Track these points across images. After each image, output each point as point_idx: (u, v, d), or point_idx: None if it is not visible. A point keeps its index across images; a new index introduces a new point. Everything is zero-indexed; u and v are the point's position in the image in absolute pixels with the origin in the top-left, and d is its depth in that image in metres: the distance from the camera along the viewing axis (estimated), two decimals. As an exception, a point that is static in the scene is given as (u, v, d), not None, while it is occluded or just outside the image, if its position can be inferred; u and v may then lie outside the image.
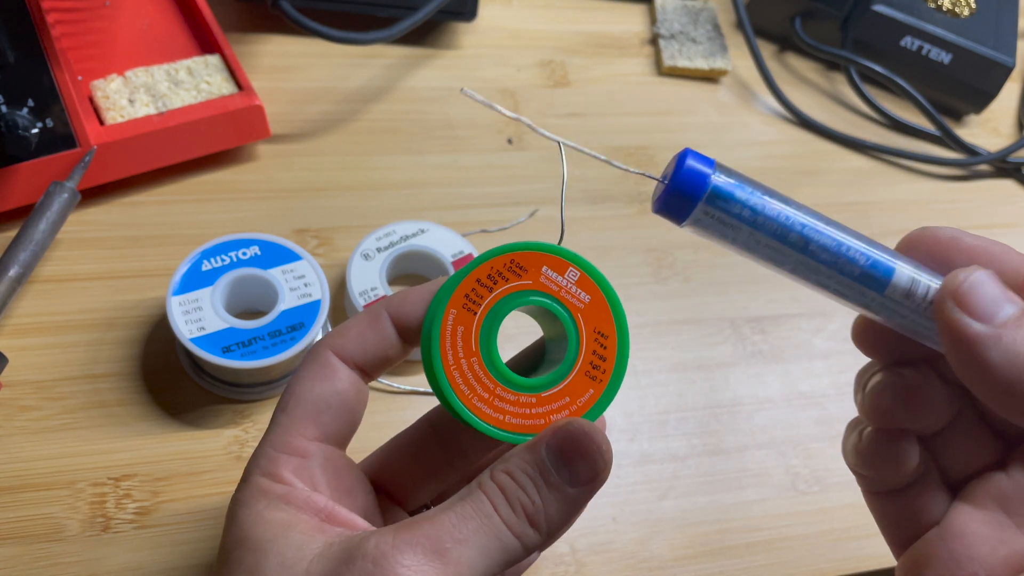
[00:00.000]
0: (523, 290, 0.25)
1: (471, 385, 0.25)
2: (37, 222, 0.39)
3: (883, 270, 0.22)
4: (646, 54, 0.60)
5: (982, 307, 0.20)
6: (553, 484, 0.23)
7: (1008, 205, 0.58)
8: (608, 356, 0.25)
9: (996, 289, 0.21)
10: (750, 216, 0.22)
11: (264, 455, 0.25)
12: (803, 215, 0.22)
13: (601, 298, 0.26)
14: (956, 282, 0.21)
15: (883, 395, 0.25)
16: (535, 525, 0.22)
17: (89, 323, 0.40)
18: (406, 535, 0.21)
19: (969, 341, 0.20)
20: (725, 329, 0.46)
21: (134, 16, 0.48)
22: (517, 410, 0.25)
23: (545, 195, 0.50)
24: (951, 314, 0.21)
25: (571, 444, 0.23)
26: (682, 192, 0.22)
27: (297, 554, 0.22)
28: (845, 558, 0.40)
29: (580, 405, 0.25)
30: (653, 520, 0.39)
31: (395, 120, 0.52)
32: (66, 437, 0.37)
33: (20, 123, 0.39)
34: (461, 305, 0.25)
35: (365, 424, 0.27)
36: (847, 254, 0.22)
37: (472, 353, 0.25)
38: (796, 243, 0.22)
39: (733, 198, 0.22)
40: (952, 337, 0.21)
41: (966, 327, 0.20)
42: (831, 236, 0.22)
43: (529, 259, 0.25)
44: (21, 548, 0.34)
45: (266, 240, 0.39)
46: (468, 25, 0.58)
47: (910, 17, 0.59)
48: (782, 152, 0.57)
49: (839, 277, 0.23)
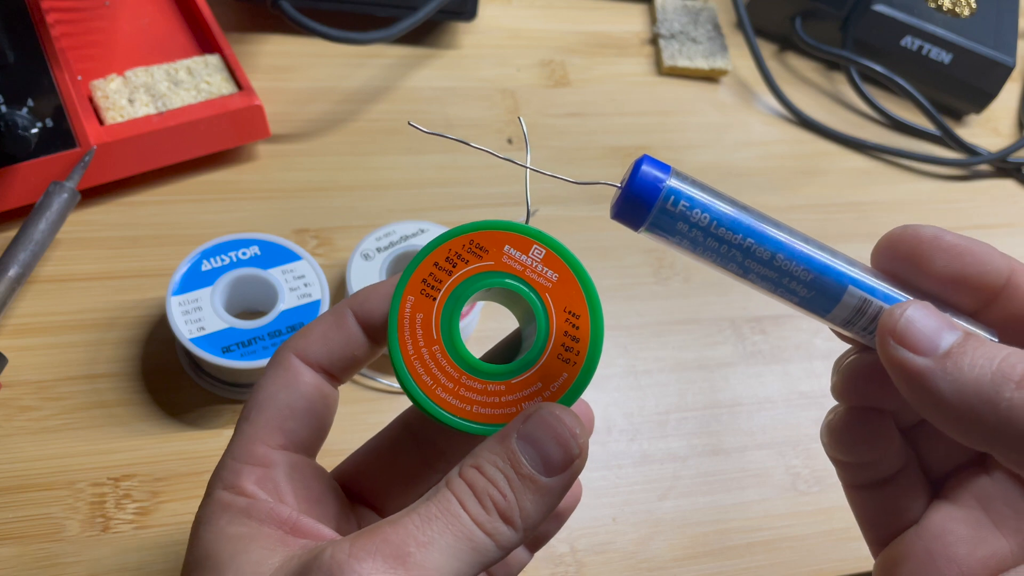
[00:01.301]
0: (485, 271, 0.24)
1: (434, 375, 0.23)
2: (37, 222, 0.39)
3: (830, 294, 0.22)
4: (646, 54, 0.60)
5: (923, 341, 0.20)
6: (525, 475, 0.21)
7: (1008, 205, 0.58)
8: (581, 337, 0.24)
9: (934, 320, 0.20)
10: (705, 225, 0.22)
11: (225, 467, 0.24)
12: (760, 227, 0.22)
13: (570, 276, 0.24)
14: (893, 319, 0.20)
15: (855, 373, 0.24)
16: (509, 521, 0.21)
17: (89, 323, 0.40)
18: (364, 542, 0.20)
19: (916, 376, 0.20)
20: (725, 329, 0.46)
21: (134, 16, 0.48)
22: (485, 399, 0.23)
23: (545, 195, 0.50)
24: (893, 352, 0.20)
25: (542, 430, 0.21)
26: (636, 198, 0.22)
27: (255, 570, 0.21)
28: (845, 558, 0.40)
29: (554, 391, 0.23)
30: (653, 520, 0.39)
31: (395, 120, 0.52)
32: (66, 437, 0.37)
33: (20, 123, 0.39)
34: (419, 291, 0.23)
35: (364, 425, 0.27)
36: (790, 275, 0.22)
37: (433, 341, 0.23)
38: (735, 270, 0.22)
39: (689, 206, 0.22)
40: (898, 374, 0.20)
41: (911, 363, 0.20)
42: (778, 257, 0.22)
43: (490, 238, 0.24)
44: (21, 548, 0.34)
45: (266, 240, 0.39)
46: (468, 25, 0.58)
47: (910, 17, 0.59)
48: (782, 152, 0.57)
49: (784, 296, 0.22)
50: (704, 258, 0.22)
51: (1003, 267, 0.22)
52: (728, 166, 0.55)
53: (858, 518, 0.26)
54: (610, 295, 0.46)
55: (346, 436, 0.30)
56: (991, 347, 0.20)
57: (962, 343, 0.20)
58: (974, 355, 0.20)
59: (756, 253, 0.22)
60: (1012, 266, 0.23)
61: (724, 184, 0.53)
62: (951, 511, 0.23)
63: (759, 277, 0.22)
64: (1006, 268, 0.23)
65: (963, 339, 0.20)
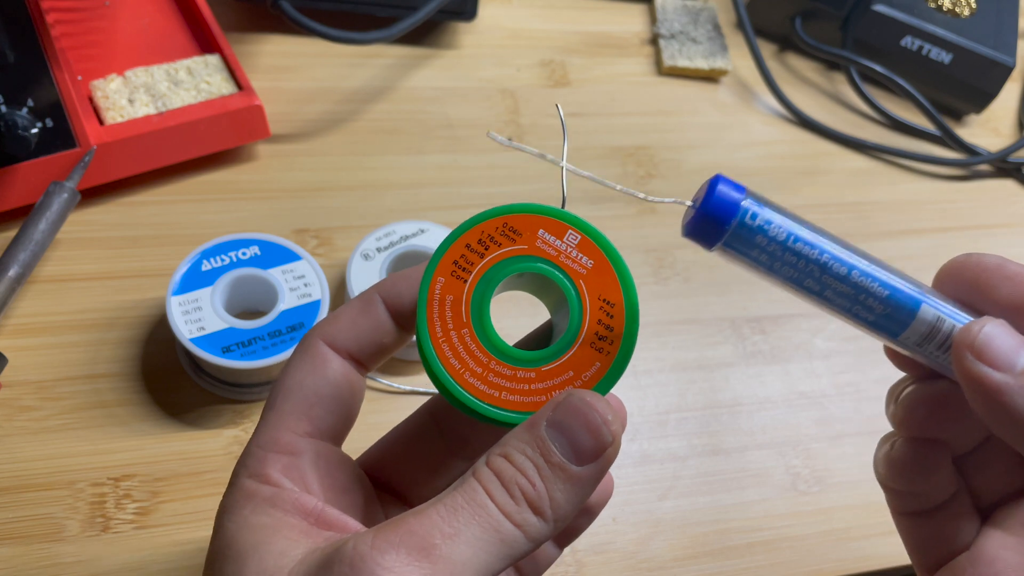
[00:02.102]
0: (518, 255, 0.23)
1: (462, 359, 0.22)
2: (37, 222, 0.39)
3: (904, 312, 0.22)
4: (646, 54, 0.60)
5: (1001, 357, 0.21)
6: (556, 464, 0.20)
7: (1008, 205, 0.58)
8: (615, 326, 0.23)
9: (1013, 338, 0.21)
10: (782, 240, 0.22)
11: (251, 454, 0.23)
12: (833, 247, 0.22)
13: (606, 263, 0.23)
14: (972, 334, 0.21)
15: (916, 404, 0.24)
16: (539, 512, 0.20)
17: (89, 323, 0.40)
18: (388, 534, 0.19)
19: (993, 391, 0.20)
20: (725, 329, 0.46)
21: (134, 16, 0.48)
22: (515, 386, 0.22)
23: (545, 195, 0.50)
24: (971, 366, 0.21)
25: (573, 417, 0.21)
26: (712, 217, 0.22)
27: (278, 561, 0.20)
28: (845, 558, 0.40)
29: (585, 380, 0.23)
30: (653, 520, 0.39)
31: (395, 120, 0.52)
32: (66, 437, 0.37)
33: (20, 123, 0.39)
34: (450, 272, 0.23)
35: (365, 425, 0.27)
36: (867, 292, 0.22)
37: (463, 324, 0.22)
38: (812, 286, 0.22)
39: (765, 224, 0.22)
40: (974, 388, 0.21)
41: (988, 377, 0.20)
42: (854, 274, 0.22)
43: (524, 222, 0.23)
44: (21, 548, 0.34)
45: (266, 240, 0.39)
46: (468, 25, 0.58)
47: (910, 17, 0.59)
48: (782, 152, 0.57)
49: (857, 315, 0.23)
50: (779, 276, 0.22)
51: None
52: (728, 166, 0.55)
53: (906, 544, 0.26)
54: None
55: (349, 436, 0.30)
56: None
57: None
58: None
59: (833, 269, 0.22)
60: None
61: (724, 184, 0.53)
62: (1002, 539, 0.23)
63: (836, 294, 0.22)
64: None
65: None
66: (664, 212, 0.51)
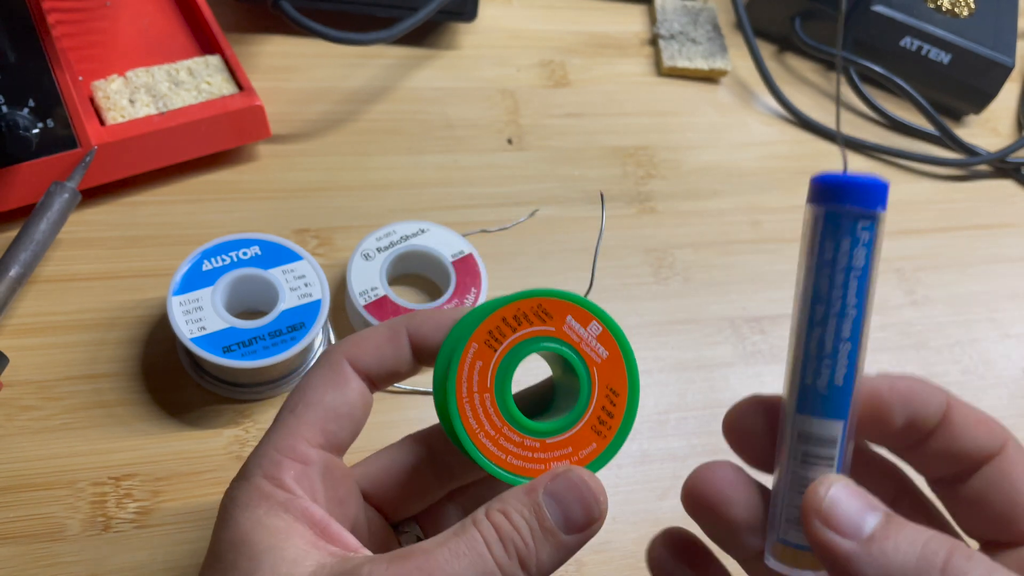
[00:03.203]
0: (545, 336, 0.26)
1: (480, 420, 0.25)
2: (38, 222, 0.39)
3: (837, 404, 0.22)
4: (646, 54, 0.60)
5: (846, 523, 0.20)
6: (548, 529, 0.23)
7: (1008, 205, 0.58)
8: (616, 414, 0.26)
9: (856, 501, 0.21)
10: (864, 253, 0.22)
11: (267, 456, 0.25)
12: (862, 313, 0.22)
13: (619, 356, 0.26)
14: (817, 499, 0.21)
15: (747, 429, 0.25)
16: (526, 568, 0.22)
17: (89, 323, 0.40)
18: (399, 568, 0.21)
19: (842, 559, 0.20)
20: (725, 329, 0.47)
21: (135, 16, 0.48)
22: (520, 452, 0.25)
23: (545, 195, 0.50)
24: (820, 533, 0.21)
25: (569, 490, 0.23)
26: (861, 188, 0.23)
27: (291, 569, 0.22)
28: (845, 558, 0.40)
29: (582, 457, 0.25)
30: (653, 520, 0.39)
31: (395, 120, 0.52)
32: (66, 437, 0.37)
33: (21, 123, 0.39)
34: (483, 340, 0.25)
35: (367, 425, 0.27)
36: (835, 358, 0.22)
37: (486, 389, 0.25)
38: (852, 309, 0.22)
39: (868, 238, 0.22)
40: (825, 555, 0.21)
41: (837, 546, 0.20)
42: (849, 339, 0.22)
43: (556, 306, 0.26)
44: (21, 548, 0.34)
45: (266, 240, 0.40)
46: (468, 25, 0.58)
47: (910, 17, 0.59)
48: (782, 152, 0.57)
49: (808, 356, 0.22)
50: (818, 277, 0.22)
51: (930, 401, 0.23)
52: (728, 166, 0.55)
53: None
54: (610, 295, 0.46)
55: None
56: (912, 530, 0.20)
57: (884, 526, 0.20)
58: (897, 539, 0.20)
59: (850, 319, 0.22)
60: (947, 402, 0.23)
61: (724, 184, 0.54)
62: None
63: (825, 332, 0.22)
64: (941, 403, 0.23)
65: (885, 521, 0.21)
66: (664, 212, 0.51)
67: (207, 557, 0.24)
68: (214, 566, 0.23)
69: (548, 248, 0.47)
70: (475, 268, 0.42)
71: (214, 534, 0.24)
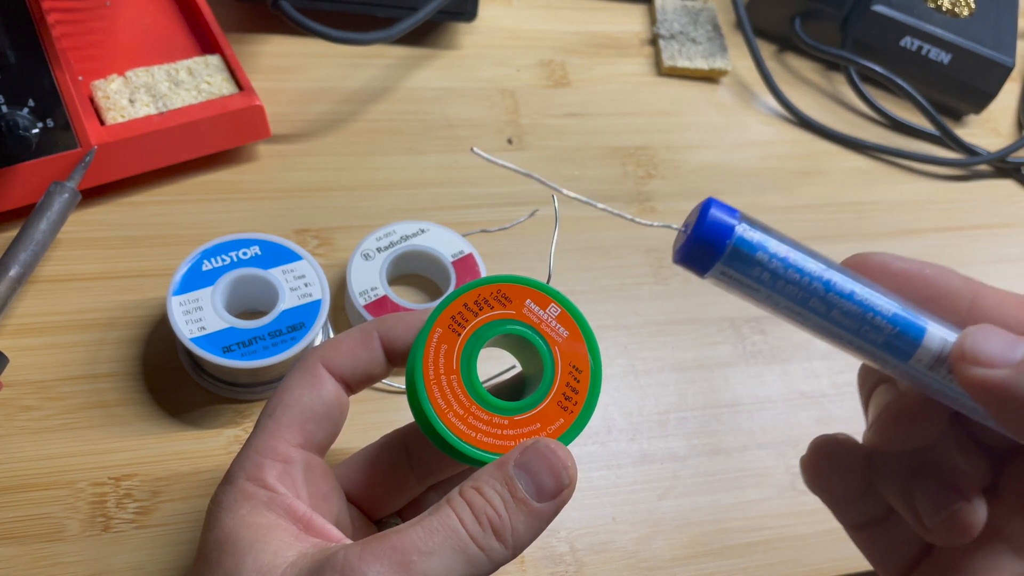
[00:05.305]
0: (506, 319, 0.27)
1: (448, 400, 0.26)
2: (37, 222, 0.39)
3: (913, 330, 0.22)
4: (646, 54, 0.60)
5: (997, 355, 0.21)
6: (520, 499, 0.24)
7: (1008, 205, 0.58)
8: (580, 390, 0.27)
9: (1002, 335, 0.21)
10: (773, 274, 0.21)
11: (249, 458, 0.25)
12: (832, 274, 0.22)
13: (579, 335, 0.27)
14: (964, 346, 0.21)
15: (896, 417, 0.25)
16: (501, 539, 0.23)
17: (89, 323, 0.40)
18: (374, 548, 0.22)
19: (999, 388, 0.21)
20: (725, 329, 0.47)
21: (134, 16, 0.48)
22: (489, 430, 0.26)
23: (545, 195, 0.50)
24: (974, 374, 0.21)
25: (538, 459, 0.24)
26: (705, 242, 0.21)
27: (273, 560, 0.23)
28: (845, 558, 0.40)
29: (550, 432, 0.26)
30: (653, 520, 0.39)
31: (395, 120, 0.52)
32: (66, 437, 0.37)
33: (21, 123, 0.39)
34: (447, 325, 0.26)
35: (364, 425, 0.27)
36: (874, 310, 0.22)
37: (452, 371, 0.26)
38: (818, 307, 0.22)
39: (757, 253, 0.21)
40: (984, 394, 0.21)
41: (992, 378, 0.21)
42: (857, 300, 0.22)
43: (515, 291, 0.27)
44: (21, 548, 0.34)
45: (266, 240, 0.40)
46: (468, 25, 0.58)
47: (910, 17, 0.59)
48: (782, 152, 0.57)
49: (865, 337, 0.22)
50: (782, 298, 0.22)
51: (961, 288, 0.23)
52: (728, 166, 0.55)
53: (869, 559, 0.27)
54: (610, 295, 0.46)
55: (349, 435, 0.30)
56: None
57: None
58: None
59: (837, 287, 0.22)
60: (975, 289, 0.23)
61: (724, 184, 0.54)
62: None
63: (843, 314, 0.22)
64: (968, 292, 0.23)
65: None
66: (664, 212, 0.51)
67: (195, 560, 0.25)
68: (201, 567, 0.24)
69: (548, 248, 0.47)
70: (475, 268, 0.42)
71: (201, 537, 0.25)
